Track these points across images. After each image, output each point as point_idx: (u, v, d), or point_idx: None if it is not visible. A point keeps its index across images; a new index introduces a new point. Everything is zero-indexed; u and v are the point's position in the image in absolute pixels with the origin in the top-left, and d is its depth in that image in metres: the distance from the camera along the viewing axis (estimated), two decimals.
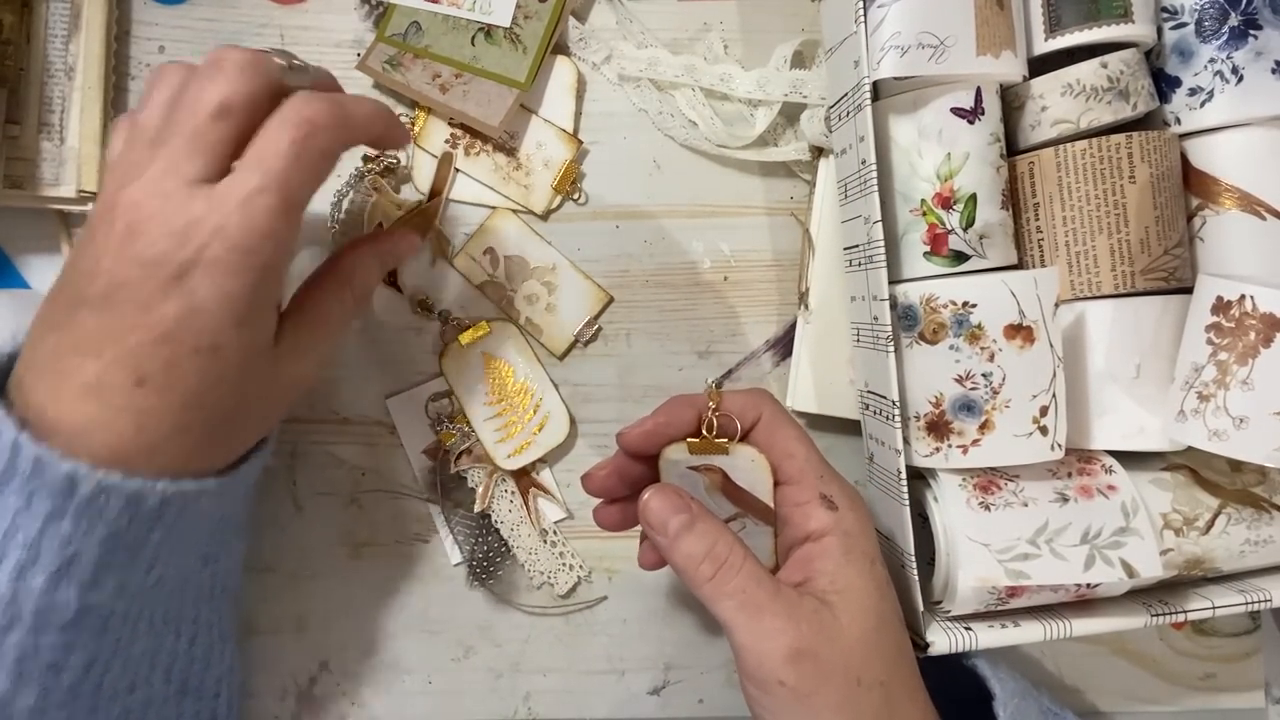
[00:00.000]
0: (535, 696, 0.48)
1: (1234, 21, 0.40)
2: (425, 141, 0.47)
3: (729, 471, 0.37)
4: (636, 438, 0.37)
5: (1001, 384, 0.38)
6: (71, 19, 0.44)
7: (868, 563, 0.35)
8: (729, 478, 0.37)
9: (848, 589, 0.35)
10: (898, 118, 0.40)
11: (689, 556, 0.34)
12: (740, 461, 0.37)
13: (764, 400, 0.38)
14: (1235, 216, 0.41)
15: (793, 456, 0.37)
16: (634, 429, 0.37)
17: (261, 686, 0.47)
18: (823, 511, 0.35)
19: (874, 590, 0.35)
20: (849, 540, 0.35)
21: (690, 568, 0.34)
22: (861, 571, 0.35)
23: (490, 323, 0.47)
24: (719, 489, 0.37)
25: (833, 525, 0.35)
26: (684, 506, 0.35)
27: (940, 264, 0.40)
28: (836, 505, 0.36)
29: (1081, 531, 0.39)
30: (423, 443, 0.47)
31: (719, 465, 0.37)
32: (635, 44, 0.48)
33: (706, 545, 0.34)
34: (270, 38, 0.47)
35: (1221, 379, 0.38)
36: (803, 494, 0.36)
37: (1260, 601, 0.41)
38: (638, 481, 0.38)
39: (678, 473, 0.37)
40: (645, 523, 0.36)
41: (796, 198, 0.49)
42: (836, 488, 0.36)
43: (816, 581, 0.35)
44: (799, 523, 0.36)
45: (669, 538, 0.35)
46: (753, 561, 0.34)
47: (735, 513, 0.37)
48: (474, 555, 0.47)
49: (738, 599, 0.33)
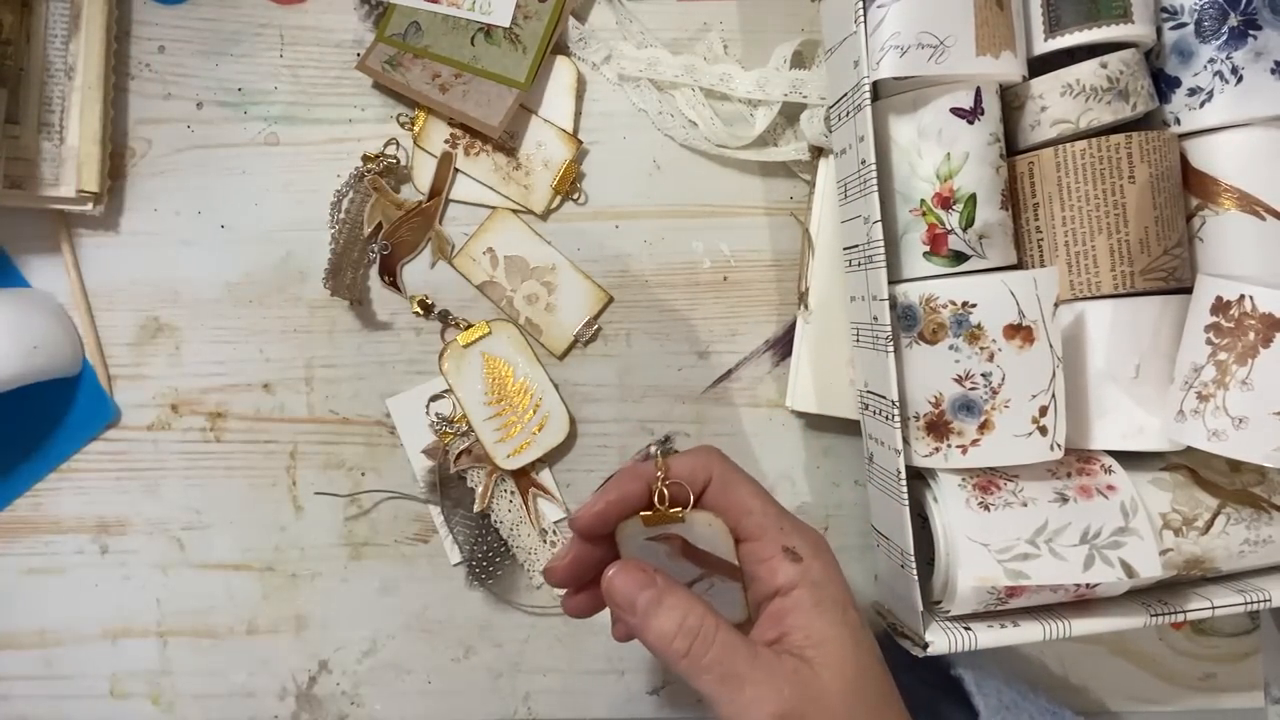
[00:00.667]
0: (535, 696, 0.48)
1: (1234, 22, 0.40)
2: (425, 141, 0.47)
3: (688, 537, 0.36)
4: (589, 520, 0.36)
5: (1001, 384, 0.38)
6: (71, 19, 0.44)
7: (839, 611, 0.35)
8: (689, 543, 0.36)
9: (824, 641, 0.34)
10: (897, 118, 0.40)
11: (660, 635, 0.33)
12: (697, 527, 0.36)
13: (713, 459, 0.37)
14: (1235, 216, 0.41)
15: (750, 513, 0.36)
16: (585, 512, 0.36)
17: (261, 686, 0.47)
18: (788, 565, 0.35)
19: (849, 639, 0.34)
20: (818, 591, 0.35)
21: (663, 646, 0.33)
22: (834, 621, 0.34)
23: (490, 323, 0.47)
24: (681, 554, 0.36)
25: (799, 577, 0.35)
26: (649, 582, 0.34)
27: (940, 264, 0.40)
28: (800, 556, 0.35)
29: (1081, 531, 0.39)
30: (423, 443, 0.47)
31: (677, 533, 0.36)
32: (635, 44, 0.48)
33: (677, 620, 0.33)
34: (270, 38, 0.47)
35: (1221, 379, 0.38)
36: (765, 549, 0.36)
37: (1260, 601, 0.41)
38: (600, 563, 0.37)
39: (637, 545, 0.36)
40: (612, 603, 0.35)
41: (796, 198, 0.49)
42: (799, 538, 0.36)
43: (791, 637, 0.34)
44: (766, 578, 0.35)
45: (638, 616, 0.34)
46: (726, 629, 0.34)
47: (701, 573, 0.37)
48: (474, 555, 0.47)
49: (716, 672, 0.33)
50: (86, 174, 0.44)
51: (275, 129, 0.47)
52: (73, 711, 0.47)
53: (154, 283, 0.47)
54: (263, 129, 0.47)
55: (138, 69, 0.47)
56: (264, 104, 0.47)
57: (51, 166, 0.44)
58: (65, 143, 0.44)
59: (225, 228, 0.47)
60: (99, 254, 0.47)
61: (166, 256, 0.47)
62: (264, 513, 0.47)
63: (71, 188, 0.44)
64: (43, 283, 0.47)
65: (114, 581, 0.47)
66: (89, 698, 0.47)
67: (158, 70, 0.47)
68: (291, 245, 0.48)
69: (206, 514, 0.47)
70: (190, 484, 0.47)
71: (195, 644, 0.47)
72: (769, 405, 0.48)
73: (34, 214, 0.46)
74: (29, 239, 0.46)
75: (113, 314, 0.47)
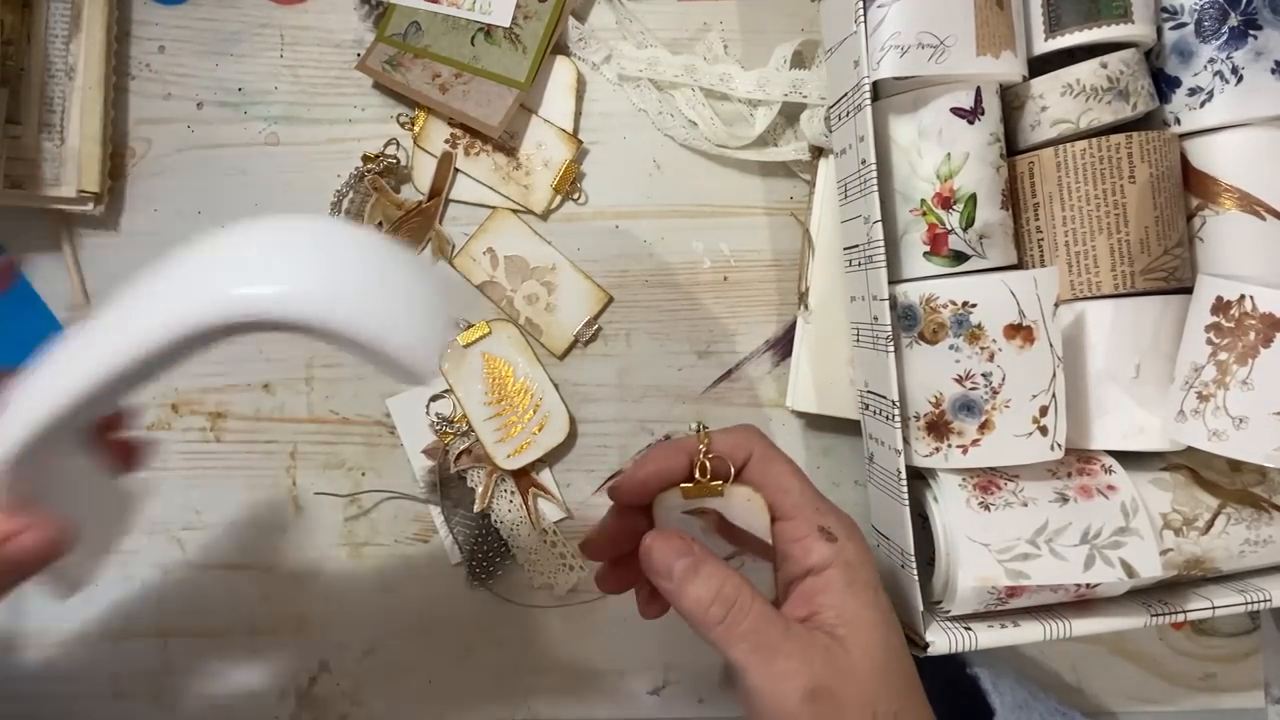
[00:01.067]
0: (535, 696, 0.48)
1: (1234, 21, 0.40)
2: (425, 141, 0.47)
3: (724, 512, 0.36)
4: (632, 488, 0.37)
5: (1001, 384, 0.38)
6: (72, 19, 0.44)
7: (871, 593, 0.35)
8: (725, 519, 0.37)
9: (855, 621, 0.34)
10: (898, 118, 0.40)
11: (697, 601, 0.34)
12: (735, 501, 0.36)
13: (754, 437, 0.37)
14: (1235, 216, 0.41)
15: (787, 492, 0.36)
16: (628, 480, 0.37)
17: (261, 686, 0.47)
18: (822, 544, 0.35)
19: (881, 621, 0.35)
20: (851, 571, 0.35)
21: (699, 612, 0.34)
22: (866, 603, 0.35)
23: (490, 323, 0.47)
24: (715, 530, 0.37)
25: (833, 557, 0.35)
26: (687, 550, 0.34)
27: (940, 264, 0.40)
28: (835, 537, 0.35)
29: (1081, 531, 0.39)
30: (423, 443, 0.47)
31: (714, 507, 0.36)
32: (635, 44, 0.48)
33: (714, 588, 0.34)
34: (270, 37, 0.47)
35: (1221, 379, 0.38)
36: (800, 529, 0.36)
37: (1260, 601, 0.41)
38: (635, 537, 0.37)
39: (674, 518, 0.37)
40: (649, 569, 0.35)
41: (796, 198, 0.49)
42: (833, 519, 0.36)
43: (823, 615, 0.34)
44: (799, 557, 0.36)
45: (675, 582, 0.34)
46: (761, 601, 0.34)
47: (733, 551, 0.37)
48: (474, 555, 0.47)
49: (750, 641, 0.33)
50: (87, 174, 0.44)
51: (275, 129, 0.47)
52: (74, 711, 0.47)
53: None
54: (263, 129, 0.47)
55: (138, 69, 0.47)
56: (264, 104, 0.47)
57: (52, 166, 0.44)
58: (66, 143, 0.44)
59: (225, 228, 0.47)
60: (99, 254, 0.47)
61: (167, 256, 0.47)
62: (264, 513, 0.47)
63: (72, 188, 0.44)
64: (44, 283, 0.47)
65: (114, 581, 0.47)
66: (90, 698, 0.47)
67: (158, 70, 0.47)
68: None
69: (206, 514, 0.47)
70: (190, 484, 0.47)
71: (195, 644, 0.47)
72: (769, 405, 0.48)
73: (35, 214, 0.46)
74: (29, 239, 0.46)
75: None
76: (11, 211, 0.45)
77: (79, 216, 0.46)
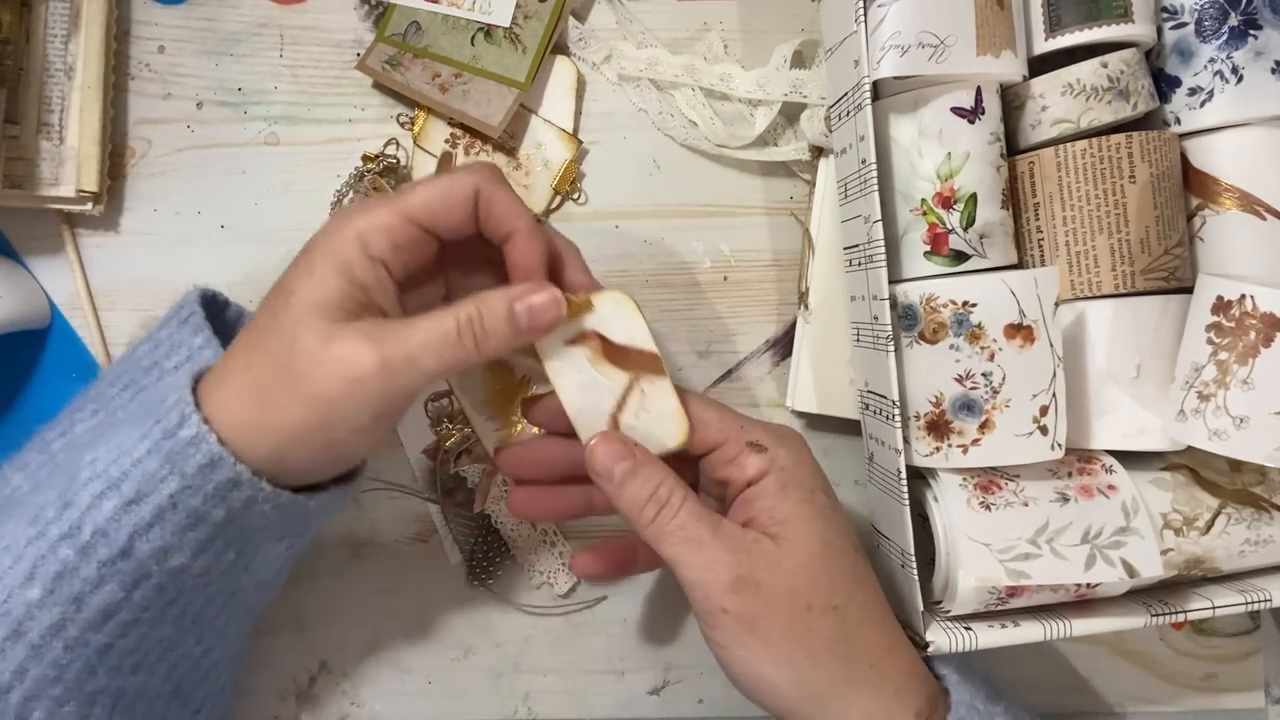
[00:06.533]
0: (535, 696, 0.48)
1: (1234, 21, 0.40)
2: (425, 141, 0.47)
3: (604, 331, 0.36)
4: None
5: (1001, 383, 0.38)
6: (71, 19, 0.44)
7: (805, 492, 0.37)
8: (608, 339, 0.37)
9: (788, 519, 0.36)
10: (898, 117, 0.40)
11: (634, 500, 0.35)
12: (608, 312, 0.36)
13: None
14: (1235, 216, 0.41)
15: (707, 423, 0.37)
16: None
17: (261, 686, 0.47)
18: (754, 456, 0.37)
19: (816, 517, 0.36)
20: (784, 475, 0.36)
21: (635, 510, 0.35)
22: (799, 501, 0.36)
23: None
24: (604, 356, 0.37)
25: (767, 465, 0.37)
26: (627, 453, 0.36)
27: (940, 263, 0.40)
28: (765, 447, 0.37)
29: (1082, 531, 0.39)
30: (423, 443, 0.47)
31: (592, 328, 0.36)
32: (635, 44, 0.48)
33: (650, 489, 0.35)
34: (270, 38, 0.47)
35: (1222, 379, 0.38)
36: (730, 450, 0.37)
37: (1260, 601, 0.41)
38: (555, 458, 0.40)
39: (559, 353, 0.36)
40: (591, 469, 0.36)
41: (796, 198, 0.49)
42: (761, 431, 0.38)
43: (758, 519, 0.36)
44: (736, 477, 0.37)
45: (614, 483, 0.36)
46: (694, 500, 0.36)
47: (628, 380, 0.37)
48: (474, 555, 0.47)
49: (679, 535, 0.35)
50: (86, 174, 0.44)
51: (275, 129, 0.47)
52: None
53: (154, 283, 0.47)
54: (263, 129, 0.47)
55: (138, 69, 0.47)
56: (264, 104, 0.47)
57: (51, 166, 0.44)
58: (65, 143, 0.44)
59: (225, 228, 0.47)
60: (99, 254, 0.47)
61: (167, 256, 0.47)
62: None
63: (71, 188, 0.44)
64: (47, 283, 0.47)
65: None
66: None
67: (158, 70, 0.47)
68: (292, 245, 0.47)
69: None
70: None
71: None
72: (769, 405, 0.48)
73: (37, 214, 0.46)
74: (29, 239, 0.46)
75: (114, 314, 0.47)
76: (14, 212, 0.45)
77: (78, 217, 0.46)
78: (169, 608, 0.34)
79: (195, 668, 0.38)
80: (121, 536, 0.31)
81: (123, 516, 0.31)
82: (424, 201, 0.34)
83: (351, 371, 0.31)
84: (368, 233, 0.33)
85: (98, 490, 0.31)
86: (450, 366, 0.33)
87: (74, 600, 0.31)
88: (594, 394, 0.37)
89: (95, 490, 0.31)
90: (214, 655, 0.38)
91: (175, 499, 0.31)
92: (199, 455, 0.31)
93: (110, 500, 0.31)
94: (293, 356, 0.32)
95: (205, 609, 0.36)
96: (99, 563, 0.31)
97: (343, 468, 0.36)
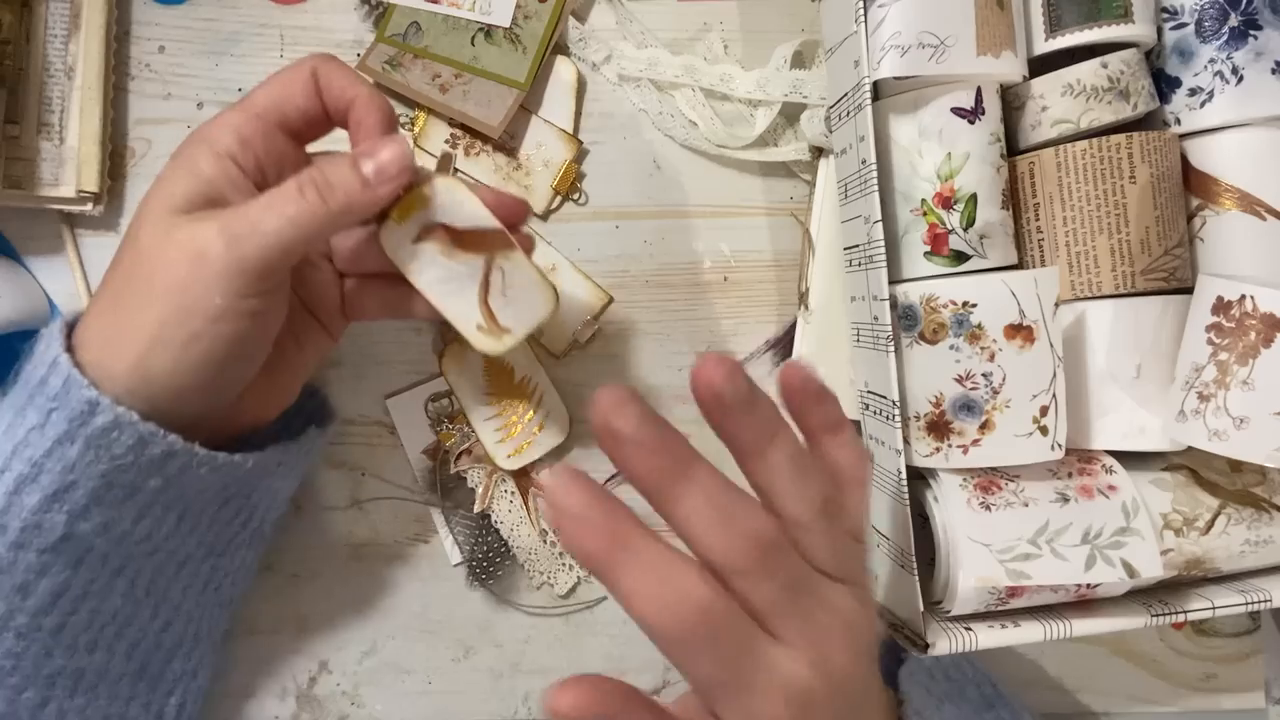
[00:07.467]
0: (535, 696, 0.48)
1: (1234, 22, 0.40)
2: (425, 141, 0.47)
3: (447, 218, 0.36)
4: None
5: (1002, 384, 0.38)
6: (71, 19, 0.44)
7: None
8: (452, 227, 0.36)
9: None
10: (898, 117, 0.40)
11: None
12: (444, 198, 0.36)
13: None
14: (1235, 216, 0.41)
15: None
16: None
17: (261, 686, 0.47)
18: None
19: None
20: None
21: None
22: None
23: None
24: (452, 244, 0.36)
25: None
26: None
27: (940, 264, 0.40)
28: None
29: (1082, 531, 0.39)
30: (423, 443, 0.47)
31: (437, 220, 0.36)
32: (635, 44, 0.48)
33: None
34: (270, 37, 0.47)
35: (1222, 379, 0.38)
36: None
37: (1260, 602, 0.41)
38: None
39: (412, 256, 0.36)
40: None
41: (796, 198, 0.49)
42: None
43: None
44: None
45: None
46: None
47: (484, 261, 0.36)
48: (474, 555, 0.47)
49: None
50: (86, 174, 0.44)
51: None
52: None
53: None
54: None
55: (138, 69, 0.47)
56: None
57: (51, 166, 0.44)
58: (65, 143, 0.44)
59: None
60: (100, 254, 0.47)
61: None
62: None
63: (71, 188, 0.44)
64: (47, 283, 0.47)
65: None
66: None
67: (158, 70, 0.47)
68: None
69: None
70: None
71: None
72: None
73: (37, 214, 0.45)
74: (29, 239, 0.46)
75: None
76: (11, 212, 0.45)
77: (79, 217, 0.46)
78: (116, 578, 0.34)
79: (157, 645, 0.38)
80: (58, 523, 0.31)
81: (52, 505, 0.31)
82: (265, 92, 0.35)
83: (193, 247, 0.31)
84: (211, 131, 0.33)
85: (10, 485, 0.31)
86: (300, 227, 0.32)
87: (19, 590, 0.31)
88: (456, 283, 0.37)
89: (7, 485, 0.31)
90: (175, 631, 0.38)
91: (108, 477, 0.31)
92: (125, 436, 0.31)
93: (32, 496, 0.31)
94: (140, 256, 0.32)
95: (156, 579, 0.36)
96: (38, 550, 0.31)
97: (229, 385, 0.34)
